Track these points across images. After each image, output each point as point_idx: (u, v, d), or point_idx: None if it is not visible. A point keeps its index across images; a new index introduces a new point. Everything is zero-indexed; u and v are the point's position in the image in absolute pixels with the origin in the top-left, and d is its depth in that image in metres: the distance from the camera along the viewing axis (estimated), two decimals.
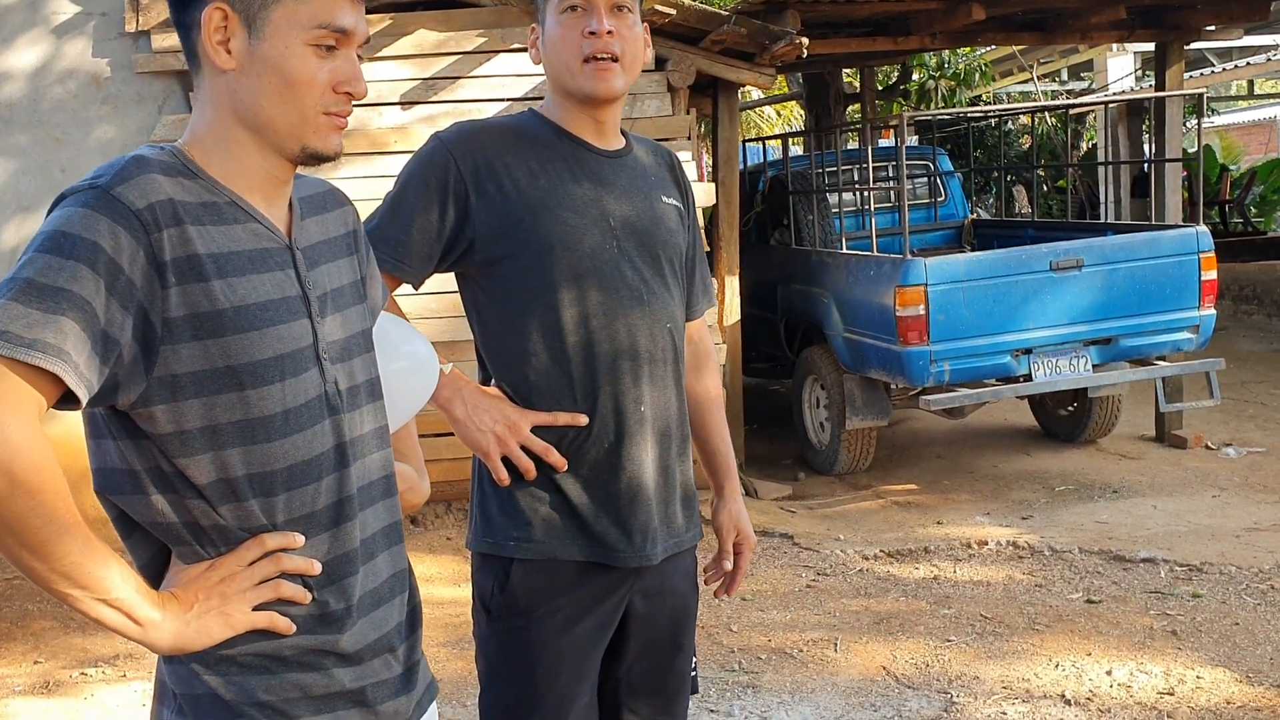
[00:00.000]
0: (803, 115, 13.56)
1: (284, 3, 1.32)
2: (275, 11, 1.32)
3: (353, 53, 1.36)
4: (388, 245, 1.92)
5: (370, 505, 1.44)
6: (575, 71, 1.92)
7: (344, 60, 1.35)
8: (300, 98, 1.33)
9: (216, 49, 1.32)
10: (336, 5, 1.33)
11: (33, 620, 4.90)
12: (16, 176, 5.90)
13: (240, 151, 1.36)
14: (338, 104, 1.35)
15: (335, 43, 1.34)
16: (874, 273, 6.28)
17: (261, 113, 1.34)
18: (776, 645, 4.34)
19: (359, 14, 1.36)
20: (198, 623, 1.30)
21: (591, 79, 1.92)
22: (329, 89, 1.34)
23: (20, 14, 5.86)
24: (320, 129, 1.35)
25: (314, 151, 1.36)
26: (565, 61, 1.93)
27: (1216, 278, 6.36)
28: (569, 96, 1.97)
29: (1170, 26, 7.35)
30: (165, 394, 1.27)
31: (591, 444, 1.95)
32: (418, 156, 1.97)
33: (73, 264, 1.20)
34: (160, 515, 1.32)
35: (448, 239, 1.94)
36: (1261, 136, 21.21)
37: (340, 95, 1.35)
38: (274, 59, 1.32)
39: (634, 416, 1.96)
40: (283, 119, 1.34)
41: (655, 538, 2.00)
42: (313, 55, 1.33)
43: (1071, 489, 6.37)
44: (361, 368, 1.46)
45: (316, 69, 1.33)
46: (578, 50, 1.91)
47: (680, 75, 6.16)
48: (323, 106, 1.35)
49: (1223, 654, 4.04)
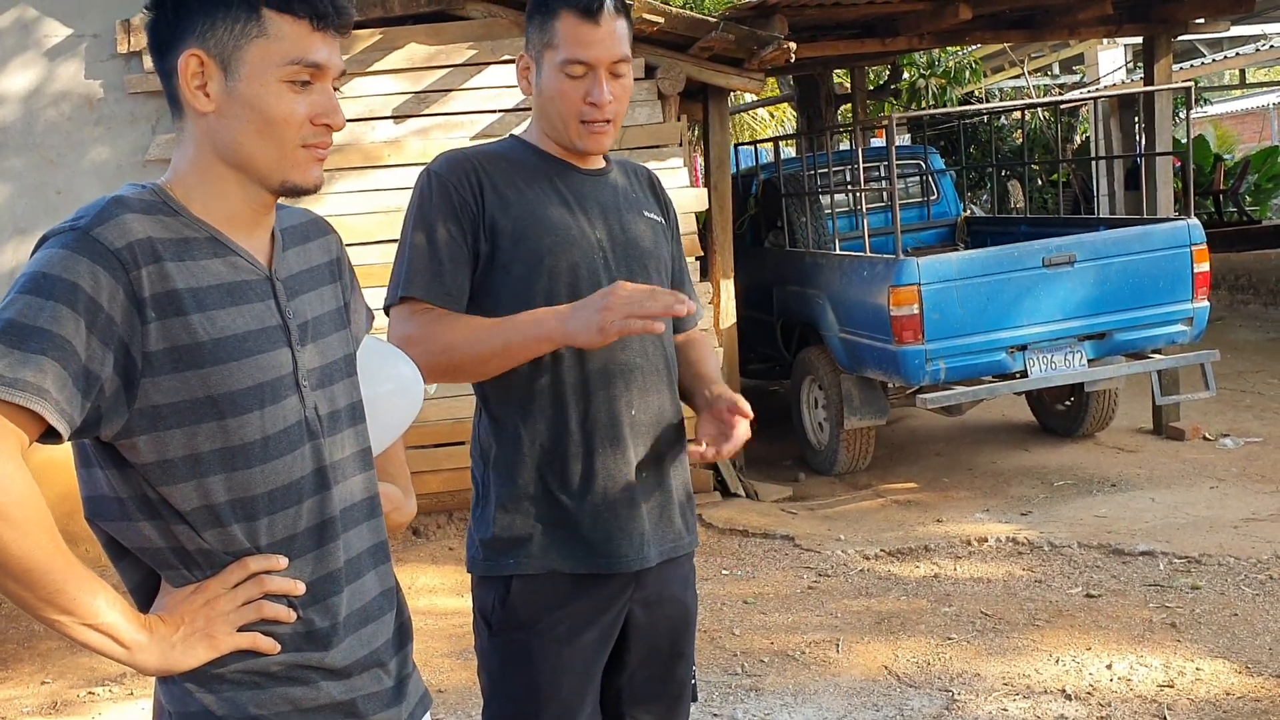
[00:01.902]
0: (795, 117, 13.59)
1: (257, 44, 1.35)
2: (249, 52, 1.35)
3: (328, 85, 1.40)
4: (426, 281, 1.94)
5: (354, 526, 1.48)
6: (571, 130, 1.99)
7: (320, 94, 1.39)
8: (278, 134, 1.37)
9: (195, 94, 1.36)
10: (308, 41, 1.37)
11: (40, 641, 4.93)
12: (12, 200, 5.93)
13: (223, 188, 1.40)
14: (316, 136, 1.39)
15: (310, 78, 1.38)
16: (867, 273, 6.30)
17: (241, 150, 1.37)
18: (779, 647, 4.36)
19: (332, 48, 1.40)
20: (183, 644, 1.34)
21: (586, 140, 1.99)
22: (307, 123, 1.38)
23: (12, 37, 5.89)
24: (299, 163, 1.39)
25: (294, 185, 1.40)
26: (562, 116, 1.99)
27: (1209, 270, 6.38)
28: (558, 143, 2.03)
29: (1157, 20, 7.38)
30: (147, 425, 1.31)
31: (586, 453, 1.97)
32: (418, 194, 2.00)
33: (52, 304, 1.24)
34: (147, 541, 1.36)
35: (471, 258, 1.97)
36: (1255, 125, 21.25)
37: (318, 127, 1.39)
38: (251, 98, 1.36)
39: (626, 425, 1.99)
40: (262, 155, 1.37)
41: (649, 540, 2.02)
42: (288, 91, 1.36)
43: (1070, 483, 6.40)
44: (342, 392, 1.49)
45: (293, 105, 1.37)
46: (576, 112, 1.97)
47: (670, 82, 6.19)
48: (301, 140, 1.38)
49: (1222, 645, 4.06)
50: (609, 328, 1.81)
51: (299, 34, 1.36)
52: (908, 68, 12.95)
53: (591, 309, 1.84)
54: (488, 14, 6.07)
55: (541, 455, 1.98)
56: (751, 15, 6.46)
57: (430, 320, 1.94)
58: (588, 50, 1.94)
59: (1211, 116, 19.71)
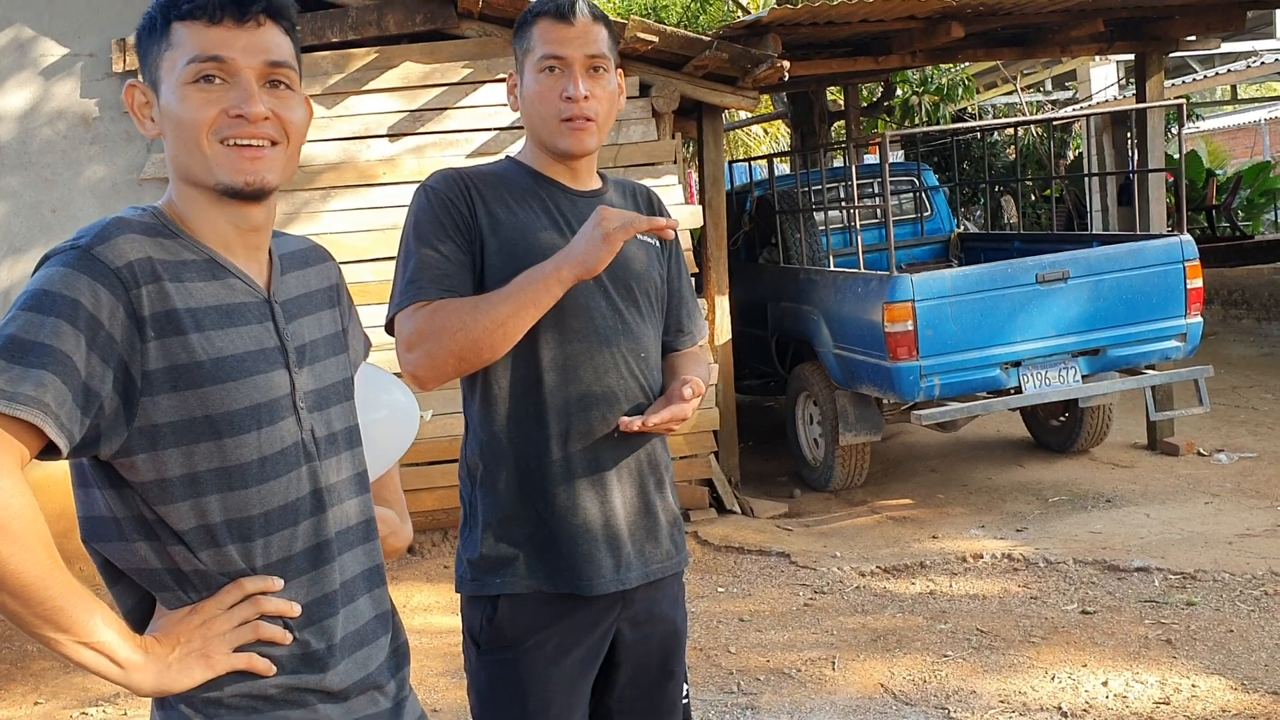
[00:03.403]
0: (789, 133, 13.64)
1: (166, 57, 1.37)
2: (163, 67, 1.38)
3: (246, 78, 1.37)
4: (431, 282, 1.92)
5: (349, 549, 1.48)
6: (552, 130, 2.00)
7: (234, 88, 1.37)
8: (190, 135, 1.36)
9: (144, 122, 1.40)
10: (204, 37, 1.36)
11: (33, 661, 4.91)
12: (8, 218, 5.93)
13: (199, 209, 1.41)
14: (232, 127, 1.36)
15: (215, 72, 1.36)
16: (861, 289, 6.32)
17: (179, 163, 1.39)
18: (775, 665, 4.36)
19: (242, 40, 1.36)
20: (179, 665, 1.34)
21: (567, 138, 2.00)
22: (222, 117, 1.36)
23: (9, 56, 5.91)
24: (220, 160, 1.37)
25: (226, 185, 1.37)
26: (542, 118, 2.00)
27: (1202, 285, 6.40)
28: (545, 148, 2.04)
29: (1149, 38, 7.43)
30: (145, 443, 1.32)
31: (567, 475, 1.98)
32: (415, 209, 2.01)
33: (53, 320, 1.25)
34: (143, 562, 1.36)
35: (472, 263, 1.97)
36: (1247, 140, 21.34)
37: (233, 119, 1.36)
38: (168, 109, 1.37)
39: (608, 449, 2.00)
40: (192, 163, 1.37)
41: (631, 563, 2.02)
42: (195, 92, 1.36)
43: (1065, 499, 6.40)
44: (339, 416, 1.50)
45: (200, 105, 1.35)
46: (555, 110, 1.98)
47: (664, 100, 6.22)
48: (217, 136, 1.36)
49: (1217, 662, 4.06)
50: (613, 234, 1.86)
51: (195, 34, 1.36)
52: (901, 85, 13.01)
53: (586, 233, 1.88)
54: (482, 33, 6.10)
55: (526, 477, 1.98)
56: (745, 34, 6.49)
57: (435, 309, 1.92)
58: (561, 46, 1.98)
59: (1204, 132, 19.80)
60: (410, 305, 1.94)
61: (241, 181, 1.37)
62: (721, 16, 15.14)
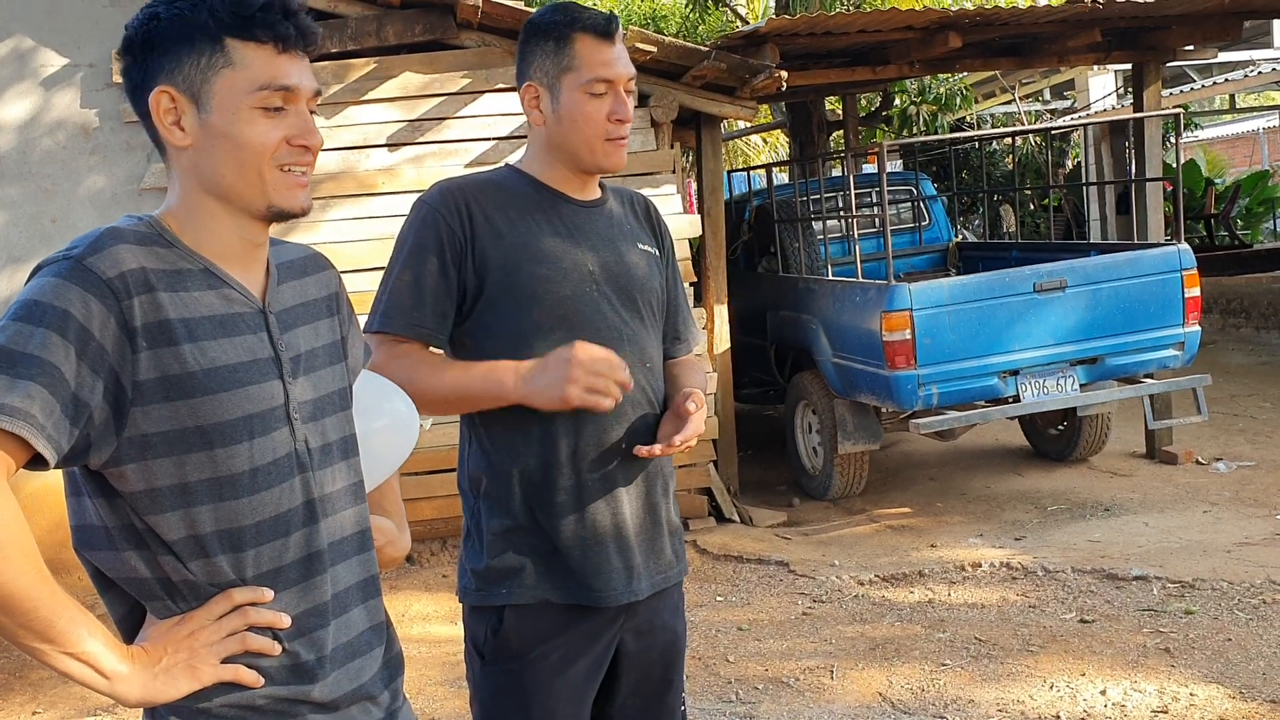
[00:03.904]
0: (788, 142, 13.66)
1: (224, 74, 1.36)
2: (217, 84, 1.36)
3: (303, 108, 1.40)
4: (404, 315, 1.96)
5: (343, 560, 1.48)
6: (596, 150, 2.01)
7: (295, 116, 1.39)
8: (254, 160, 1.37)
9: (170, 129, 1.37)
10: (275, 65, 1.37)
11: (31, 670, 4.90)
12: (7, 228, 5.94)
13: (212, 222, 1.40)
14: (293, 157, 1.39)
15: (282, 102, 1.38)
16: (860, 298, 6.33)
17: (223, 181, 1.38)
18: (773, 674, 4.35)
19: (302, 70, 1.39)
20: (165, 676, 1.33)
21: (611, 157, 2.02)
22: (283, 145, 1.38)
23: (9, 67, 5.92)
24: (279, 187, 1.39)
25: (280, 210, 1.40)
26: (587, 139, 2.00)
27: (1200, 294, 6.41)
28: (574, 165, 2.04)
29: (1146, 47, 7.45)
30: (135, 453, 1.32)
31: (575, 486, 1.98)
32: (409, 224, 2.02)
33: (43, 331, 1.25)
34: (133, 571, 1.36)
35: (458, 292, 1.98)
36: (1245, 149, 21.39)
37: (295, 149, 1.39)
38: (224, 128, 1.36)
39: (618, 460, 1.99)
40: (243, 184, 1.38)
41: (641, 573, 2.03)
42: (261, 118, 1.37)
43: (1063, 508, 6.40)
44: (334, 426, 1.49)
45: (266, 130, 1.37)
46: (602, 131, 1.99)
47: (663, 110, 6.23)
48: (277, 163, 1.38)
49: (1216, 670, 4.06)
50: (570, 399, 1.86)
51: (264, 59, 1.36)
52: (899, 94, 13.03)
53: (554, 374, 1.86)
54: (481, 43, 6.11)
55: (532, 487, 1.98)
56: (743, 44, 6.51)
57: (398, 354, 1.95)
58: (609, 68, 1.98)
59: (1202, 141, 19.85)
60: (381, 333, 1.97)
61: (298, 207, 1.41)
62: (720, 26, 15.18)
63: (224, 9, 1.35)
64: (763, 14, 17.29)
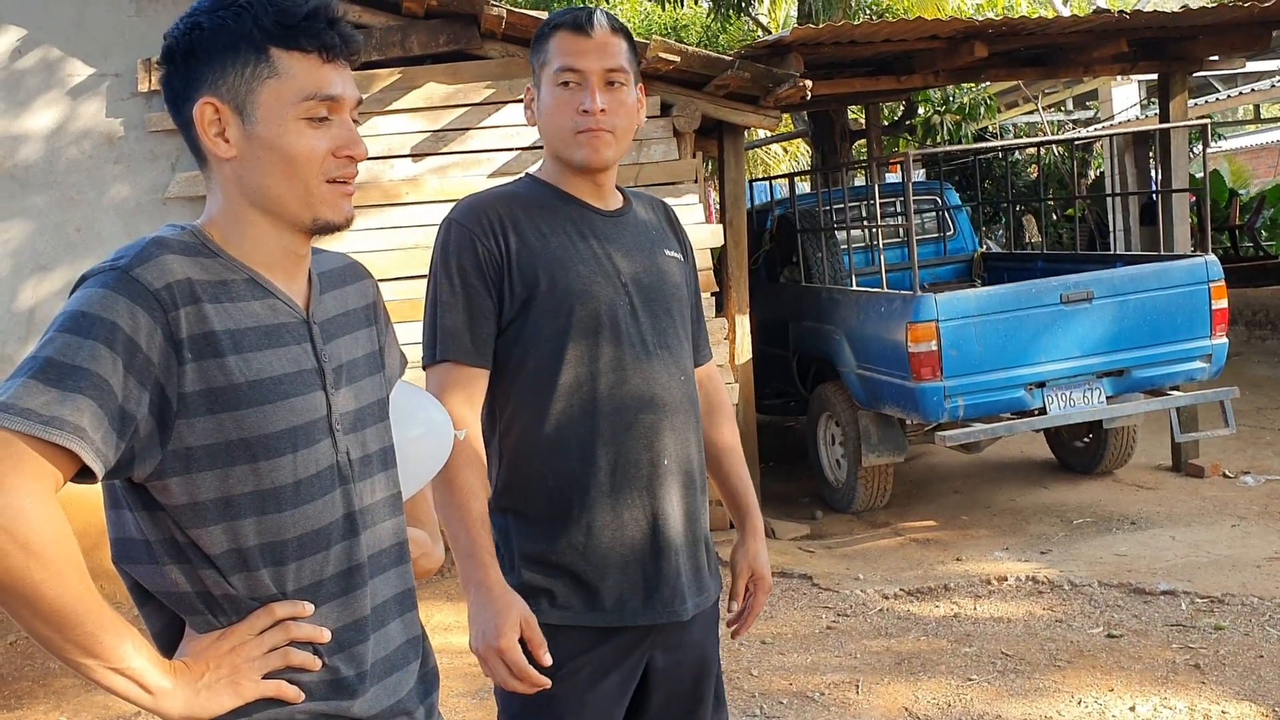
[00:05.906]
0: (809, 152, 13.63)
1: (269, 85, 1.35)
2: (262, 94, 1.35)
3: (347, 117, 1.39)
4: (452, 340, 1.95)
5: (381, 573, 1.47)
6: (568, 142, 1.98)
7: (339, 126, 1.38)
8: (302, 171, 1.36)
9: (215, 141, 1.36)
10: (320, 75, 1.36)
11: (55, 678, 4.91)
12: (33, 237, 5.97)
13: (255, 232, 1.39)
14: (340, 169, 1.38)
15: (327, 112, 1.37)
16: (885, 309, 6.29)
17: (269, 192, 1.37)
18: (798, 688, 4.32)
19: (345, 79, 1.39)
20: (208, 691, 1.32)
21: (584, 149, 1.97)
22: (329, 156, 1.37)
23: (37, 77, 5.96)
24: (327, 198, 1.38)
25: (326, 222, 1.39)
26: (558, 131, 1.98)
27: (1227, 306, 6.36)
28: (562, 162, 2.02)
29: (1172, 58, 7.40)
30: (180, 466, 1.30)
31: (616, 508, 1.95)
32: (440, 246, 2.00)
33: (91, 343, 1.24)
34: (173, 585, 1.35)
35: (499, 310, 1.97)
36: (1270, 160, 21.22)
37: (341, 160, 1.38)
38: (270, 139, 1.35)
39: (659, 468, 1.98)
40: (290, 195, 1.37)
41: (684, 594, 2.01)
42: (307, 128, 1.36)
43: (1089, 521, 6.34)
44: (374, 437, 1.48)
45: (314, 141, 1.36)
46: (571, 123, 1.96)
47: (686, 120, 6.22)
48: (325, 174, 1.37)
49: (1248, 688, 4.01)
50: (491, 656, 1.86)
51: (310, 69, 1.36)
52: (922, 104, 12.99)
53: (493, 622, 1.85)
54: (505, 54, 6.12)
55: (567, 507, 1.95)
56: (767, 53, 6.49)
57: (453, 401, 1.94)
58: (578, 59, 1.95)
59: (1226, 151, 19.70)
60: (442, 363, 1.96)
61: (342, 219, 1.40)
62: (741, 36, 15.17)
63: (268, 18, 1.34)
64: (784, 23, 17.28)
